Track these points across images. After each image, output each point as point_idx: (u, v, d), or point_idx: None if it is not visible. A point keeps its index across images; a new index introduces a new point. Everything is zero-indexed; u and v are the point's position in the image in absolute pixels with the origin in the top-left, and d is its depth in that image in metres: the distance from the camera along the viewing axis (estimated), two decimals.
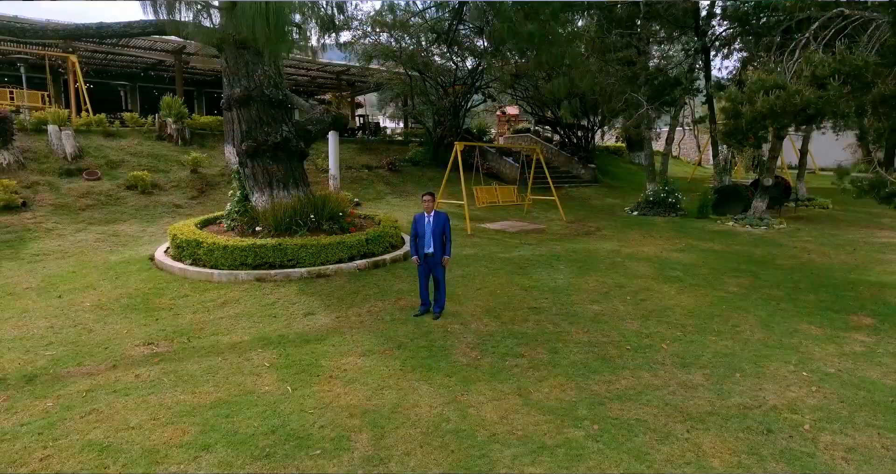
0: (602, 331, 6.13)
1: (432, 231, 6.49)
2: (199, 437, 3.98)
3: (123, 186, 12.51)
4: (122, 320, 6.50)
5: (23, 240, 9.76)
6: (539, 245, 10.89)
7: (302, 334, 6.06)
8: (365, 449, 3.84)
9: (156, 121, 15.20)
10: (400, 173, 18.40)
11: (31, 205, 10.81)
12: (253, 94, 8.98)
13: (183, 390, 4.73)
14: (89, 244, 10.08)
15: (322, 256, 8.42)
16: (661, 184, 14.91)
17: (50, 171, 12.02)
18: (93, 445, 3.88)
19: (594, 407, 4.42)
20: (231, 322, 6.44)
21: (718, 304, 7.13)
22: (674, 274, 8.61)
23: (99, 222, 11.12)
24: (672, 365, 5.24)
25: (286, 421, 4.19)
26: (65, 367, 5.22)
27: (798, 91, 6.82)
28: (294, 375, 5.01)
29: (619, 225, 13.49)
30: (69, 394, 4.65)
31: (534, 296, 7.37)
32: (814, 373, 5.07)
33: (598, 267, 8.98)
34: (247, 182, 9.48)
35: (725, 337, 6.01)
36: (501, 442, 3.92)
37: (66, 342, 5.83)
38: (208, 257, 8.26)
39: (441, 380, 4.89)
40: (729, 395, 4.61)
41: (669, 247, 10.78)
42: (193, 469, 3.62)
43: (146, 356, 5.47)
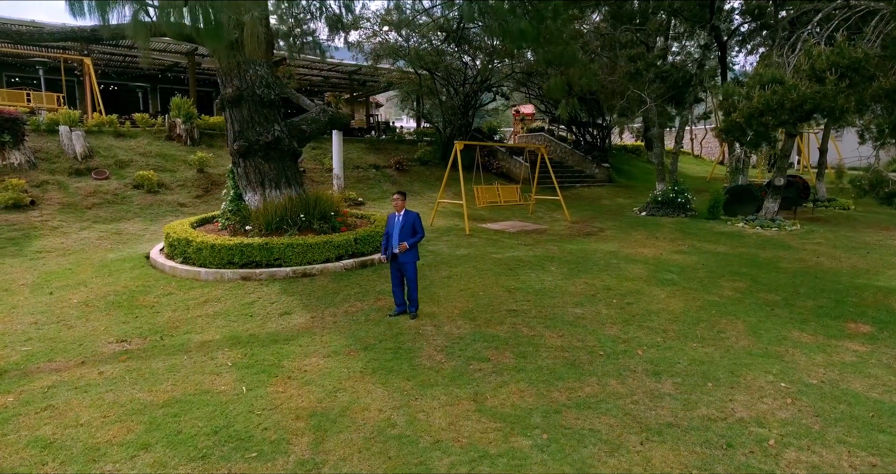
0: (578, 335, 5.94)
1: (400, 229, 6.39)
2: (143, 436, 3.98)
3: (130, 185, 12.78)
4: (104, 317, 6.60)
5: (28, 238, 10.04)
6: (535, 246, 10.68)
7: (273, 334, 6.04)
8: (302, 453, 3.77)
9: (166, 122, 15.51)
10: (407, 173, 18.35)
11: (39, 204, 11.12)
12: (244, 94, 9.03)
13: (141, 388, 4.75)
14: (91, 242, 10.31)
15: (308, 256, 8.41)
16: (669, 184, 14.49)
17: (60, 171, 12.37)
18: (38, 441, 3.91)
19: (549, 415, 4.26)
20: (207, 320, 6.47)
21: (708, 309, 6.85)
22: (668, 276, 8.32)
23: (104, 221, 11.37)
24: (643, 372, 5.03)
25: (231, 422, 4.16)
26: (36, 363, 5.30)
27: (794, 86, 6.49)
28: (253, 375, 4.98)
29: (623, 225, 13.15)
30: (31, 390, 4.72)
31: (516, 298, 7.20)
32: (793, 384, 4.79)
33: (590, 269, 8.74)
34: (240, 181, 9.55)
35: (707, 343, 5.75)
36: (443, 450, 3.80)
37: (45, 338, 5.94)
38: (197, 256, 8.33)
39: (398, 384, 4.79)
40: (695, 406, 4.39)
41: (671, 248, 10.45)
42: (128, 468, 3.61)
43: (116, 353, 5.53)
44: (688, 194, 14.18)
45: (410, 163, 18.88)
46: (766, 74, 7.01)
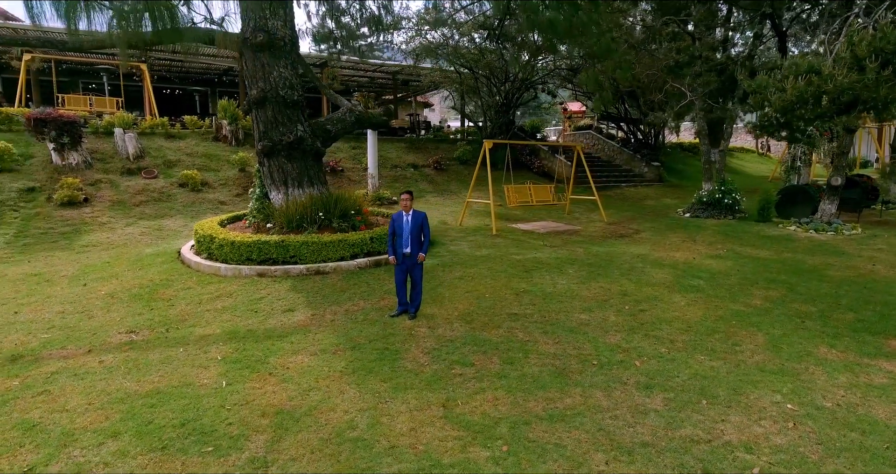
0: (575, 342, 5.65)
1: (409, 230, 6.33)
2: (116, 424, 4.13)
3: (176, 184, 13.50)
4: (123, 309, 6.96)
5: (78, 233, 10.81)
6: (561, 247, 10.32)
7: (270, 330, 6.14)
8: (256, 450, 3.78)
9: (213, 124, 16.28)
10: (445, 172, 18.30)
11: (91, 201, 11.95)
12: (268, 96, 9.28)
13: (131, 378, 4.94)
14: (134, 237, 10.96)
15: (323, 253, 8.52)
16: (716, 184, 13.58)
17: (113, 170, 13.25)
18: (24, 424, 4.14)
19: (517, 426, 4.05)
20: (214, 315, 6.67)
21: (728, 319, 6.33)
22: (694, 283, 7.78)
23: (148, 217, 12.06)
24: (634, 385, 4.70)
25: (200, 416, 4.24)
26: (49, 350, 5.65)
27: (830, 75, 5.87)
28: (237, 370, 5.07)
29: (662, 227, 12.47)
30: (36, 375, 5.02)
31: (521, 301, 6.96)
32: (802, 407, 4.31)
33: (610, 272, 8.33)
34: (265, 180, 9.83)
35: (717, 357, 5.30)
36: (396, 456, 3.69)
37: (65, 327, 6.33)
38: (219, 252, 8.65)
39: (373, 385, 4.73)
40: (680, 425, 4.04)
41: (707, 252, 9.78)
42: (93, 454, 3.75)
43: (121, 343, 5.80)
44: (736, 195, 13.24)
45: (449, 163, 18.82)
46: (802, 63, 6.39)
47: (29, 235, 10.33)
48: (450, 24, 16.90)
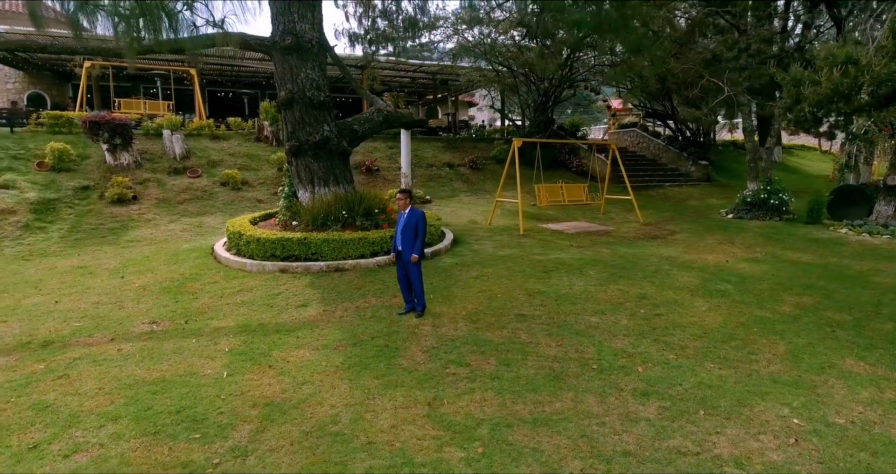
0: (579, 345, 5.49)
1: (402, 228, 6.36)
2: (119, 409, 4.37)
3: (218, 183, 14.11)
4: (152, 300, 7.35)
5: (125, 229, 11.50)
6: (588, 248, 10.05)
7: (280, 324, 6.31)
8: (240, 439, 3.90)
9: (255, 125, 16.91)
10: (481, 171, 18.22)
11: (139, 199, 12.68)
12: (296, 97, 9.53)
13: (143, 366, 5.21)
14: (175, 234, 11.55)
15: (343, 251, 8.67)
16: (762, 183, 12.81)
17: (160, 170, 14.01)
18: (39, 405, 4.45)
19: (498, 428, 3.99)
20: (232, 308, 6.93)
21: (750, 326, 5.98)
22: (721, 287, 7.39)
23: (190, 214, 12.67)
24: (630, 392, 4.52)
25: (196, 404, 4.42)
26: (78, 337, 6.04)
27: (867, 66, 5.43)
28: (240, 362, 5.24)
29: (700, 229, 11.91)
30: (60, 360, 5.39)
31: (533, 302, 6.83)
32: (810, 422, 4.01)
33: (633, 275, 8.04)
34: (293, 179, 10.11)
35: (728, 365, 5.02)
36: (371, 452, 3.72)
37: (97, 316, 6.75)
38: (246, 248, 8.97)
39: (365, 382, 4.77)
40: (670, 436, 3.85)
41: (742, 256, 9.26)
42: (92, 435, 3.98)
43: (142, 333, 6.13)
44: (783, 195, 12.44)
45: (485, 162, 18.73)
46: (839, 54, 5.95)
47: (81, 230, 11.09)
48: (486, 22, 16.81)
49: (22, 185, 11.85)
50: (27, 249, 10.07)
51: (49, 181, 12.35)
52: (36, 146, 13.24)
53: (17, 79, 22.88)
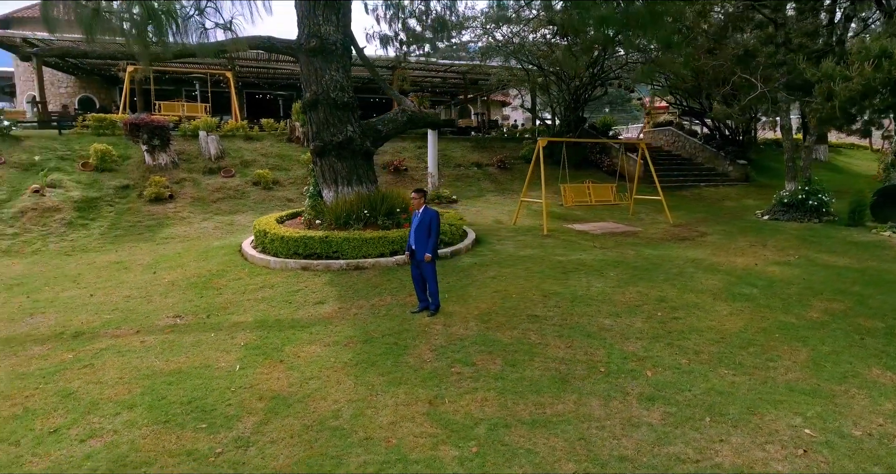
0: (589, 348, 5.41)
1: (415, 227, 6.40)
2: (136, 398, 4.57)
3: (250, 182, 14.53)
4: (179, 295, 7.64)
5: (161, 226, 11.98)
6: (611, 249, 9.86)
7: (296, 320, 6.46)
8: (243, 430, 4.03)
9: (287, 126, 17.31)
10: (510, 171, 18.11)
11: (175, 198, 13.19)
12: (320, 98, 9.72)
13: (162, 358, 5.43)
14: (208, 231, 11.96)
15: (363, 250, 8.79)
16: (801, 183, 12.26)
17: (196, 170, 14.53)
18: (63, 391, 4.71)
19: (496, 428, 3.98)
20: (252, 304, 7.14)
21: (772, 332, 5.75)
22: (746, 291, 7.13)
23: (223, 213, 13.10)
24: (636, 396, 4.42)
25: (206, 395, 4.58)
26: (107, 329, 6.35)
27: None
28: (252, 356, 5.40)
29: (732, 230, 11.50)
30: (88, 350, 5.67)
31: (547, 303, 6.76)
32: (823, 433, 3.84)
33: (654, 277, 7.85)
34: (318, 179, 10.31)
35: (743, 372, 4.85)
36: (366, 447, 3.78)
37: (126, 309, 7.07)
38: (271, 246, 9.21)
39: (370, 378, 4.84)
40: (670, 442, 3.76)
41: (774, 259, 8.90)
42: (108, 422, 4.19)
43: (165, 326, 6.38)
44: (823, 196, 11.87)
45: (514, 161, 18.61)
46: (873, 47, 5.66)
47: (120, 227, 11.62)
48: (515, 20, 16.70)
49: (67, 184, 12.51)
50: (70, 245, 10.63)
51: (92, 180, 13.00)
52: (81, 147, 13.96)
53: (68, 83, 24.18)
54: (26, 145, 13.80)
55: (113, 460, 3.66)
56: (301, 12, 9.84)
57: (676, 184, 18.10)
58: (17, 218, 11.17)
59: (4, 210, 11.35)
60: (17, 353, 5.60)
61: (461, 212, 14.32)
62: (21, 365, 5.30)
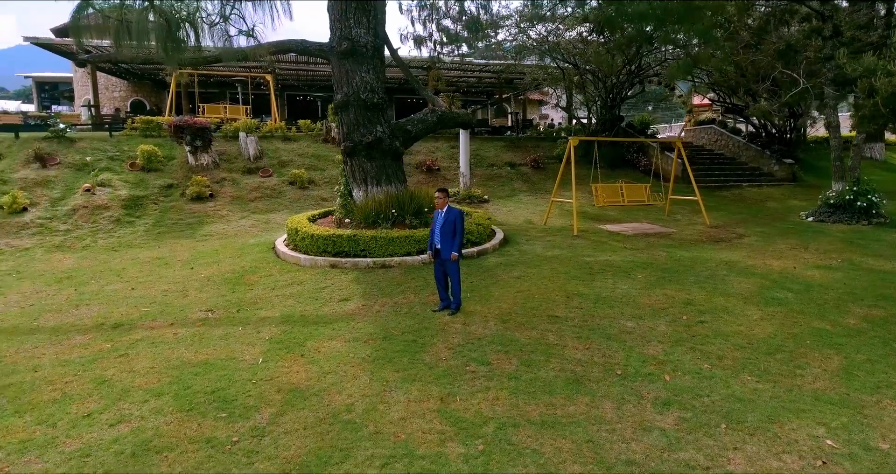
0: (607, 350, 5.33)
1: (441, 226, 6.44)
2: (164, 386, 4.81)
3: (286, 182, 14.95)
4: (213, 290, 7.95)
5: (201, 224, 12.48)
6: (642, 250, 9.65)
7: (320, 317, 6.63)
8: (260, 420, 4.18)
9: (323, 126, 17.69)
10: (543, 170, 17.94)
11: (216, 197, 13.71)
12: (350, 99, 9.92)
13: (192, 349, 5.68)
14: (245, 229, 12.38)
15: (390, 248, 8.92)
16: (849, 184, 11.64)
17: (236, 170, 15.05)
18: (99, 379, 5.00)
19: (504, 427, 3.99)
20: (281, 300, 7.36)
21: (804, 338, 5.52)
22: (780, 295, 6.85)
23: (260, 211, 13.53)
24: (651, 400, 4.34)
25: (229, 386, 4.77)
26: (144, 321, 6.69)
27: None
28: (276, 350, 5.58)
29: (772, 232, 11.04)
30: (124, 341, 6.00)
31: (570, 304, 6.69)
32: (847, 445, 3.67)
33: (683, 279, 7.64)
34: (349, 178, 10.52)
35: (767, 378, 4.68)
36: (375, 441, 3.86)
37: (163, 303, 7.42)
38: (301, 244, 9.47)
39: (385, 374, 4.93)
40: (682, 448, 3.67)
41: (814, 262, 8.50)
42: (136, 408, 4.43)
43: (197, 319, 6.67)
44: (873, 197, 11.24)
45: (548, 161, 18.42)
46: None
47: (163, 225, 12.18)
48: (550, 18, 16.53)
49: (116, 184, 13.21)
50: (117, 241, 11.22)
51: (139, 180, 13.67)
52: (129, 148, 14.71)
53: (121, 88, 25.47)
54: (80, 146, 14.65)
55: (137, 444, 3.88)
56: (333, 16, 10.06)
57: (717, 184, 17.50)
58: (69, 215, 11.88)
59: (59, 207, 12.10)
60: (62, 342, 5.97)
61: (492, 212, 14.31)
62: (64, 352, 5.66)
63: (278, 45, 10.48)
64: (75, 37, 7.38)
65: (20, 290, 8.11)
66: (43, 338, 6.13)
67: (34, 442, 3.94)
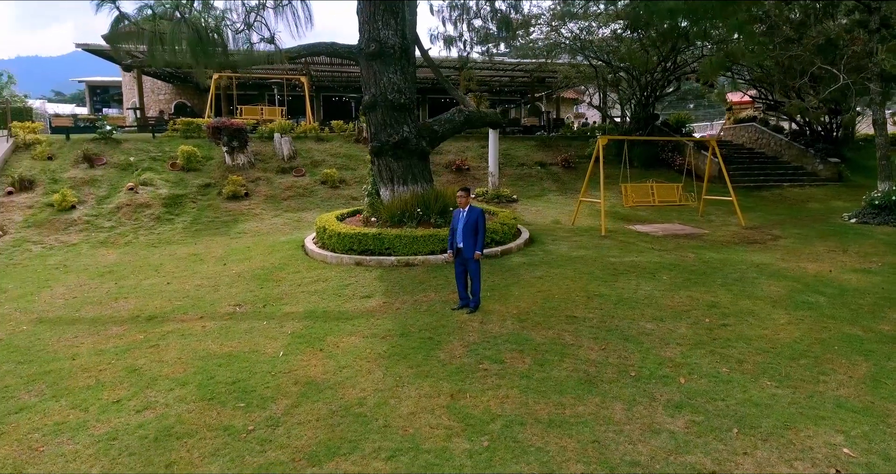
0: (623, 351, 5.28)
1: (463, 226, 6.49)
2: (189, 376, 5.05)
3: (318, 181, 15.29)
4: (243, 285, 8.24)
5: (236, 222, 12.92)
6: (670, 251, 9.45)
7: (342, 313, 6.79)
8: (275, 411, 4.34)
9: (355, 127, 18.00)
10: (574, 170, 17.73)
11: (250, 196, 14.16)
12: (378, 100, 10.07)
13: (218, 342, 5.92)
14: (277, 227, 12.74)
15: (414, 247, 9.03)
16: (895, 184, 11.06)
17: (270, 170, 15.50)
18: (130, 367, 5.28)
19: (511, 425, 4.02)
20: (305, 296, 7.57)
21: (831, 343, 5.32)
22: (811, 299, 6.61)
23: (292, 210, 13.89)
24: (663, 403, 4.29)
25: (250, 377, 4.97)
26: (175, 314, 7.00)
27: None
28: (296, 344, 5.76)
29: (811, 234, 10.61)
30: (157, 332, 6.30)
31: (590, 305, 6.64)
32: (865, 454, 3.54)
33: (710, 281, 7.46)
34: (376, 178, 10.69)
35: (788, 384, 4.54)
36: (384, 434, 3.96)
37: (195, 297, 7.74)
38: (329, 242, 9.69)
39: (399, 370, 5.02)
40: (689, 451, 3.62)
41: (853, 265, 8.15)
42: (161, 396, 4.66)
43: (225, 313, 6.93)
44: None
45: (580, 160, 18.19)
46: None
47: (200, 223, 12.67)
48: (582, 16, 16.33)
49: (157, 183, 13.82)
50: (157, 238, 11.74)
51: (179, 179, 14.26)
52: (171, 149, 15.36)
53: (166, 91, 26.58)
54: (125, 147, 15.40)
55: (160, 430, 4.09)
56: (362, 18, 10.24)
57: (756, 184, 16.92)
58: (114, 213, 12.51)
59: (104, 205, 12.75)
60: (99, 332, 6.33)
61: (520, 212, 14.27)
62: (101, 342, 5.99)
63: (309, 48, 10.75)
64: (112, 46, 7.80)
65: (66, 283, 8.61)
66: (83, 328, 6.51)
67: (67, 424, 4.21)
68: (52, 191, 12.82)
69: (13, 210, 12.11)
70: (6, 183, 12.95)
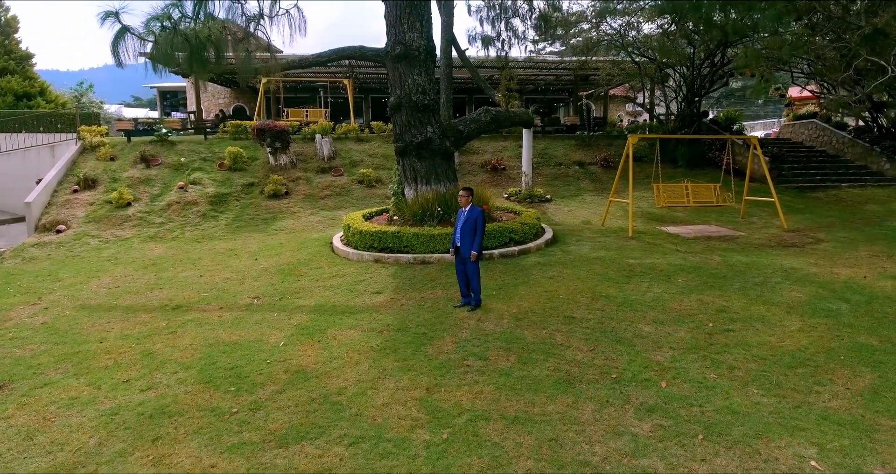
0: (612, 353, 5.21)
1: (462, 225, 6.58)
2: (194, 361, 5.44)
3: (355, 181, 15.76)
4: (267, 279, 8.69)
5: (274, 219, 13.56)
6: (697, 254, 9.11)
7: (350, 307, 7.06)
8: (260, 396, 4.63)
9: None
10: (613, 170, 17.22)
11: (290, 194, 14.81)
12: (403, 101, 10.31)
13: (229, 331, 6.32)
14: (312, 224, 13.27)
15: (431, 245, 9.20)
16: None
17: (310, 169, 16.12)
18: (146, 351, 5.75)
19: (476, 420, 4.10)
20: (320, 291, 7.90)
21: (840, 352, 5.03)
22: (832, 306, 6.23)
23: (328, 208, 14.41)
24: (635, 406, 4.23)
25: (248, 364, 5.30)
26: (199, 304, 7.50)
27: None
28: (298, 335, 6.06)
29: (858, 238, 9.88)
30: (177, 320, 6.79)
31: (593, 306, 6.56)
32: (834, 468, 3.38)
33: (727, 285, 7.17)
34: (401, 177, 10.94)
35: (776, 393, 4.35)
36: (352, 421, 4.14)
37: (221, 289, 8.25)
38: (352, 239, 10.04)
39: (385, 363, 5.20)
40: (645, 454, 3.58)
41: (892, 272, 7.56)
42: (166, 378, 5.07)
43: (243, 305, 7.36)
44: None
45: (619, 160, 17.71)
46: None
47: (241, 220, 13.40)
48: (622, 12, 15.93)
49: (205, 182, 14.72)
50: (201, 234, 12.53)
51: (225, 178, 15.13)
52: (220, 150, 16.29)
53: (225, 95, 28.11)
54: (179, 149, 16.48)
55: (156, 408, 4.47)
56: (389, 21, 10.51)
57: (811, 184, 15.89)
58: (164, 210, 13.45)
59: (157, 202, 13.73)
60: (129, 319, 6.90)
61: (552, 212, 14.15)
62: (128, 328, 6.54)
63: (339, 52, 11.14)
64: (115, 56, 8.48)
65: (113, 274, 9.39)
66: (117, 314, 7.12)
67: (80, 399, 4.67)
68: (111, 189, 13.95)
69: (77, 207, 13.29)
70: (72, 182, 14.22)
